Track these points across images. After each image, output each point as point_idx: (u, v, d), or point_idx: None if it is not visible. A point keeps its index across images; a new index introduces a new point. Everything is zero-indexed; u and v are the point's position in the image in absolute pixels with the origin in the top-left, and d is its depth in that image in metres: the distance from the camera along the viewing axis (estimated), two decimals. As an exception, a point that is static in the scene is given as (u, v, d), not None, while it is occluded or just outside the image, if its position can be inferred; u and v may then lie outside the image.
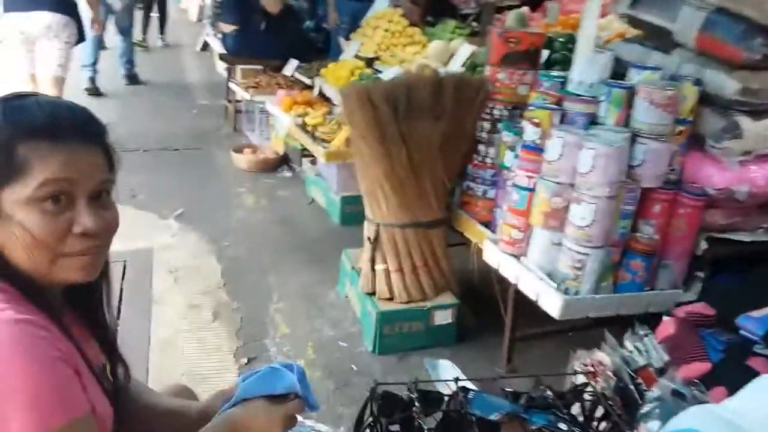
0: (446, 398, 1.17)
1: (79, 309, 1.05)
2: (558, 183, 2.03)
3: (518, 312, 2.36)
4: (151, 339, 2.56)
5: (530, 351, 2.57)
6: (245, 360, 2.45)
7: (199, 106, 6.24)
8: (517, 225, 2.17)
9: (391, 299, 2.57)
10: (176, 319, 2.71)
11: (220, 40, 5.88)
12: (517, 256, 2.19)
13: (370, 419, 1.18)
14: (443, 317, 2.56)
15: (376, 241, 2.59)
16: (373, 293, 2.61)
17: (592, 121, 2.18)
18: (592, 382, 1.36)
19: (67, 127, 0.91)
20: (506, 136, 2.37)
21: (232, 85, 5.36)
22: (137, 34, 7.77)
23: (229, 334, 2.62)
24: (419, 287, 2.57)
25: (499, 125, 2.47)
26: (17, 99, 0.92)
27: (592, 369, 1.52)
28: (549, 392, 1.20)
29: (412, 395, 1.16)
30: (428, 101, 2.40)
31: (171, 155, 4.79)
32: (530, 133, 2.15)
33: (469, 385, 1.28)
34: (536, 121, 2.14)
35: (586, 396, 1.22)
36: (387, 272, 2.58)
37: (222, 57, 5.73)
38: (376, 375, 2.39)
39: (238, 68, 5.48)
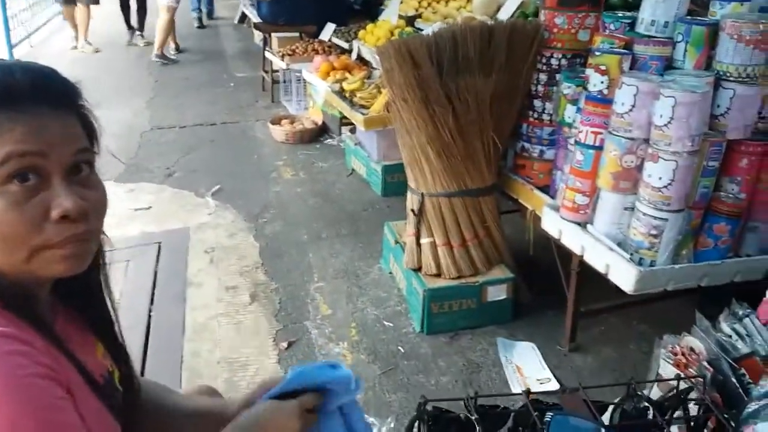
0: (513, 415, 0.93)
1: (74, 307, 0.87)
2: (630, 138, 1.77)
3: (581, 285, 2.11)
4: (186, 324, 2.42)
5: (594, 327, 2.34)
6: (285, 344, 2.28)
7: (237, 78, 6.08)
8: (582, 188, 1.91)
9: (438, 275, 2.35)
10: (212, 302, 2.57)
11: (255, 8, 5.69)
12: (581, 224, 1.94)
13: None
14: (497, 293, 2.33)
15: (420, 213, 2.36)
16: (418, 269, 2.39)
17: (668, 65, 1.92)
18: (689, 383, 1.11)
19: (26, 90, 0.72)
20: (566, 88, 2.09)
21: (268, 55, 5.17)
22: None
23: (267, 317, 2.46)
24: (469, 261, 2.34)
25: (558, 76, 2.19)
26: None
27: (682, 358, 1.26)
28: (645, 402, 0.95)
29: (470, 415, 0.93)
30: (477, 54, 2.13)
31: (208, 130, 4.65)
32: (596, 82, 1.87)
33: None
34: (603, 68, 1.86)
35: (692, 405, 0.97)
36: (433, 246, 2.36)
37: (257, 26, 5.54)
38: (425, 358, 2.20)
39: (274, 37, 5.29)
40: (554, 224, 2.03)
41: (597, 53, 1.92)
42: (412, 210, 2.39)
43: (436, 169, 2.27)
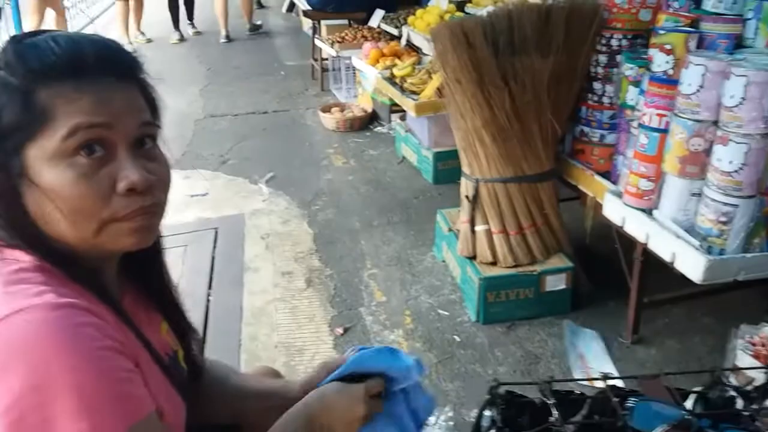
0: (590, 401, 0.91)
1: (139, 285, 0.89)
2: (698, 120, 1.70)
3: (645, 275, 2.05)
4: (244, 308, 2.46)
5: (658, 319, 2.26)
6: (341, 330, 2.30)
7: (287, 67, 6.12)
8: (646, 173, 1.84)
9: (494, 263, 2.31)
10: (269, 287, 2.60)
11: None
12: (646, 211, 1.87)
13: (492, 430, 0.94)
14: (555, 282, 2.27)
15: (475, 200, 2.33)
16: (473, 257, 2.36)
17: (738, 44, 1.85)
18: None
19: (92, 62, 0.72)
20: (628, 69, 2.02)
21: (317, 43, 5.18)
22: None
23: (322, 303, 2.48)
24: (527, 249, 2.29)
25: (619, 57, 2.11)
26: (28, 37, 0.74)
27: (762, 348, 1.20)
28: (731, 391, 0.91)
29: (546, 400, 0.91)
30: (534, 34, 2.07)
31: (259, 119, 4.70)
32: (660, 62, 1.80)
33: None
34: (668, 47, 1.78)
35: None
36: (489, 233, 2.32)
37: (306, 13, 5.55)
38: (481, 348, 2.17)
39: (323, 24, 5.29)
40: (617, 211, 1.97)
41: (661, 32, 1.84)
42: (467, 196, 2.35)
43: (492, 154, 2.22)
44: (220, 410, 1.02)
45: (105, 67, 0.73)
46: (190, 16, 7.36)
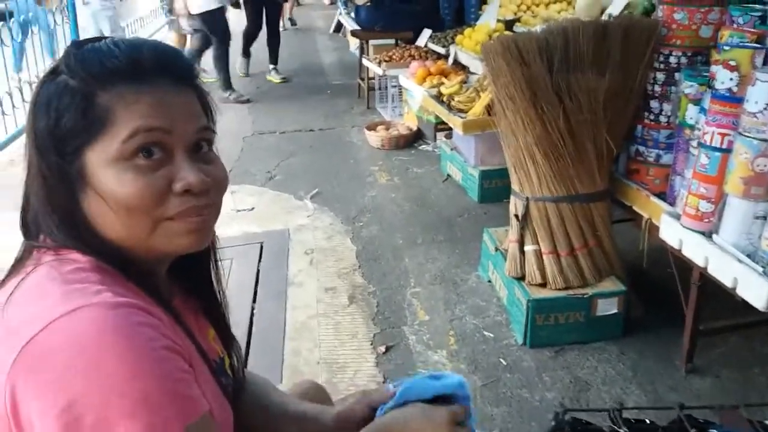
0: (663, 429, 0.85)
1: (190, 290, 0.89)
2: (764, 140, 1.63)
3: (702, 300, 1.95)
4: (287, 323, 2.45)
5: (714, 347, 2.16)
6: (383, 348, 2.26)
7: (333, 86, 6.20)
8: (707, 195, 1.77)
9: (543, 285, 2.24)
10: (312, 302, 2.59)
11: (352, 15, 5.78)
12: (706, 234, 1.79)
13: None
14: (607, 306, 2.19)
15: (525, 219, 2.27)
16: (521, 278, 2.30)
17: None
18: None
19: (152, 67, 0.73)
20: (688, 87, 1.95)
21: (364, 62, 5.22)
22: None
23: (365, 320, 2.45)
24: (578, 271, 2.22)
25: (677, 75, 2.05)
26: (89, 42, 0.75)
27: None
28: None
29: (616, 428, 0.85)
30: (590, 51, 2.03)
31: (306, 136, 4.75)
32: (724, 79, 1.73)
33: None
34: (732, 63, 1.71)
35: None
36: (538, 254, 2.26)
37: (354, 33, 5.62)
38: (528, 372, 2.10)
39: (371, 44, 5.34)
40: (674, 233, 1.89)
41: (726, 48, 1.77)
42: (516, 215, 2.30)
43: (543, 172, 2.17)
44: (259, 425, 1.00)
45: (164, 71, 0.74)
46: (275, 58, 6.89)
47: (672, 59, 2.10)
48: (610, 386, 2.01)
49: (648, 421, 0.89)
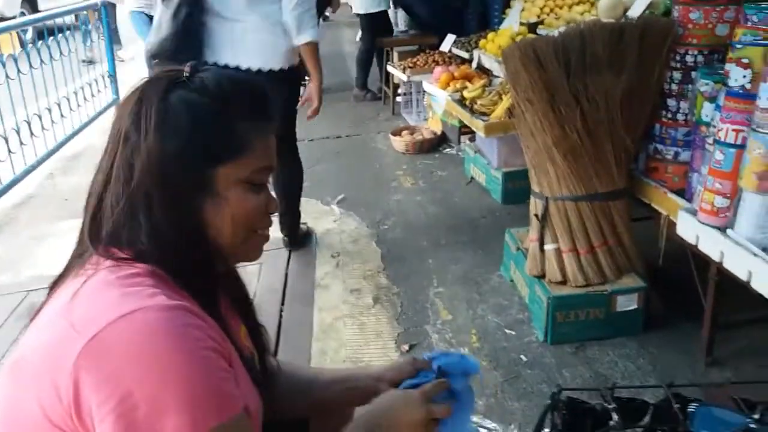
0: (652, 408, 0.89)
1: (231, 296, 0.98)
2: (777, 135, 1.62)
3: (720, 295, 1.97)
4: (314, 324, 2.53)
5: (733, 341, 2.17)
6: (407, 347, 2.32)
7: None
8: (722, 190, 1.78)
9: (564, 283, 2.28)
10: (338, 303, 2.67)
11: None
12: (722, 229, 1.81)
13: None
14: (627, 303, 2.22)
15: (544, 218, 2.31)
16: (542, 276, 2.34)
17: None
18: None
19: (266, 105, 0.89)
20: (704, 85, 1.97)
21: (389, 69, 5.30)
22: None
23: (389, 320, 2.51)
24: (598, 268, 2.25)
25: (694, 74, 2.06)
26: (210, 69, 0.88)
27: None
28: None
29: (607, 405, 0.90)
30: (607, 53, 2.06)
31: (333, 143, 4.85)
32: (737, 76, 1.75)
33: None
34: (745, 61, 1.73)
35: None
36: (558, 252, 2.30)
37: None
38: (549, 368, 2.14)
39: (395, 51, 5.42)
40: (691, 229, 1.91)
41: (738, 46, 1.79)
42: (536, 215, 2.34)
43: (563, 172, 2.21)
44: (293, 402, 1.08)
45: (271, 111, 0.89)
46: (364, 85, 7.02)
47: (689, 58, 2.12)
48: (629, 380, 2.04)
49: (640, 399, 0.94)
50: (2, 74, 3.86)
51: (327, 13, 6.87)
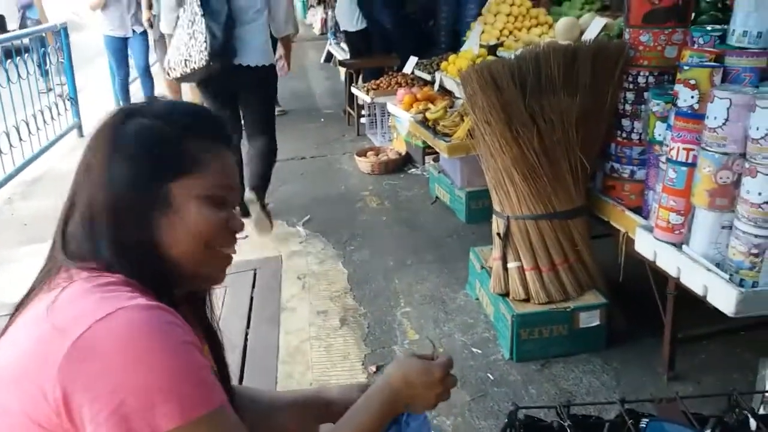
0: (607, 424, 0.91)
1: (195, 315, 0.99)
2: (725, 153, 1.70)
3: (679, 310, 2.02)
4: (280, 347, 2.51)
5: (694, 355, 2.22)
6: (374, 368, 2.32)
7: (324, 114, 6.32)
8: (676, 207, 1.84)
9: (527, 300, 2.31)
10: (304, 325, 2.65)
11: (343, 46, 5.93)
12: (677, 245, 1.86)
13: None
14: (589, 319, 2.26)
15: (506, 237, 2.35)
16: (506, 294, 2.37)
17: (763, 77, 1.84)
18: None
19: (224, 130, 0.92)
20: (655, 105, 2.04)
21: (353, 90, 5.34)
22: None
23: (356, 341, 2.51)
24: (559, 286, 2.29)
25: (646, 94, 2.14)
26: (162, 100, 0.94)
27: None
28: (750, 416, 0.90)
29: (563, 422, 0.92)
30: (561, 75, 2.12)
31: (298, 164, 4.85)
32: (686, 97, 1.82)
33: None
34: (692, 82, 1.81)
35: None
36: (521, 270, 2.33)
37: (342, 63, 5.75)
38: (515, 386, 2.16)
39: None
40: (648, 246, 1.96)
41: (686, 68, 1.87)
42: (498, 234, 2.38)
43: (522, 192, 2.26)
44: (254, 428, 1.07)
45: (228, 137, 0.92)
46: None
47: (640, 79, 2.19)
48: (594, 396, 2.07)
49: (595, 416, 0.96)
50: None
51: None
